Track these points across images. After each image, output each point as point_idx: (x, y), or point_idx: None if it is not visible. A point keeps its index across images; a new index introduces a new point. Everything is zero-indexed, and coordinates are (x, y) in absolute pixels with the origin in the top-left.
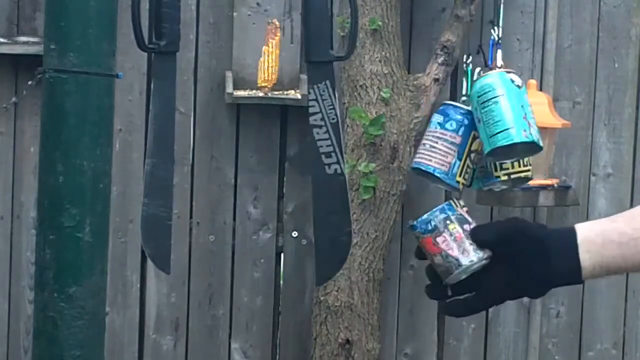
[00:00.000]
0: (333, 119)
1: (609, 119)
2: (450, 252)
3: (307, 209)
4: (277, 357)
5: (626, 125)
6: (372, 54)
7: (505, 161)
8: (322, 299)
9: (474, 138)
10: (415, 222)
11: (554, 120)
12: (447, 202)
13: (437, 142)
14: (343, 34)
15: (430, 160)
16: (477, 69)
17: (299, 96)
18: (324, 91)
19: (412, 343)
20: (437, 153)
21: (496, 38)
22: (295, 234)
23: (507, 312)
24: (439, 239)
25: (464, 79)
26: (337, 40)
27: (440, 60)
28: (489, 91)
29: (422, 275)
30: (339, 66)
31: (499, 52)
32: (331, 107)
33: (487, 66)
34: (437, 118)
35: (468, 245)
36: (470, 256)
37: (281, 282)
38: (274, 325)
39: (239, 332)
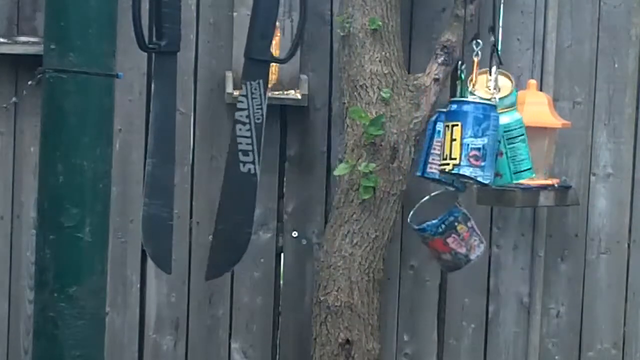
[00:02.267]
0: (258, 119)
1: (609, 119)
2: (459, 249)
3: (307, 209)
4: (277, 357)
5: (626, 125)
6: (372, 54)
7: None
8: (322, 299)
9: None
10: (425, 226)
11: (554, 120)
12: (454, 205)
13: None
14: (343, 34)
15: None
16: (494, 68)
17: (299, 96)
18: (255, 89)
19: (412, 343)
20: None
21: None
22: (295, 234)
23: (507, 312)
24: (449, 240)
25: (457, 83)
26: (337, 40)
27: (440, 60)
28: (518, 128)
29: (422, 275)
30: (339, 66)
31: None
32: (259, 106)
33: (501, 64)
34: (441, 127)
35: (473, 240)
36: (476, 251)
37: (281, 282)
38: (274, 325)
39: (239, 332)
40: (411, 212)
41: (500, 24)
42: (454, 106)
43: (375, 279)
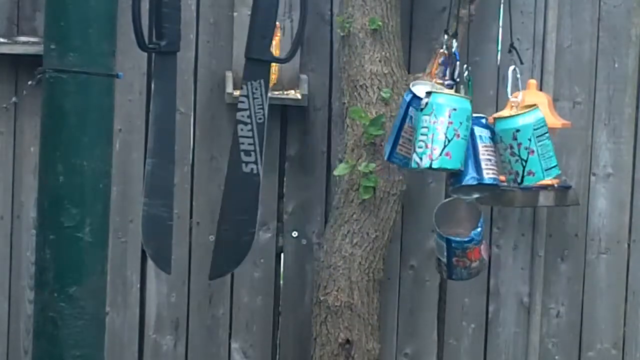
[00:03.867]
0: (260, 118)
1: (609, 119)
2: (485, 255)
3: (307, 209)
4: (277, 357)
5: (626, 125)
6: (372, 54)
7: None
8: (322, 299)
9: None
10: (474, 235)
11: (554, 120)
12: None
13: (494, 155)
14: (343, 34)
15: (497, 174)
16: (512, 68)
17: (299, 96)
18: (256, 89)
19: (412, 343)
20: (496, 165)
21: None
22: (295, 234)
23: (507, 312)
24: (482, 247)
25: (462, 87)
26: (337, 40)
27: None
28: (544, 125)
29: (422, 275)
30: (339, 66)
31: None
32: (260, 106)
33: (522, 63)
34: (483, 132)
35: (486, 244)
36: (488, 254)
37: (281, 282)
38: (274, 325)
39: (239, 332)
40: (437, 226)
41: (501, 24)
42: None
43: (375, 279)
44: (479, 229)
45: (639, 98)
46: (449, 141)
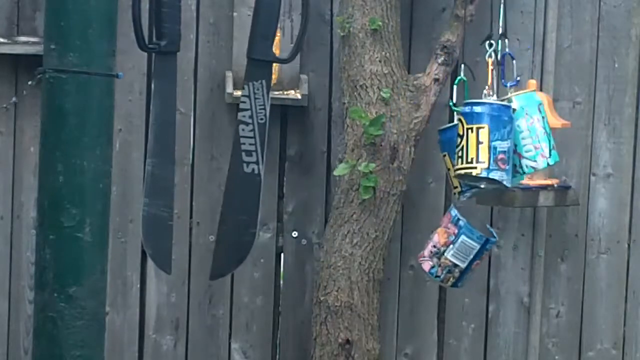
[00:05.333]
0: (262, 119)
1: (609, 119)
2: (476, 267)
3: (307, 209)
4: (277, 357)
5: (626, 125)
6: (372, 54)
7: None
8: (322, 299)
9: None
10: (496, 236)
11: (554, 120)
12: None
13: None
14: (343, 34)
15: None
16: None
17: (299, 96)
18: (258, 90)
19: (412, 343)
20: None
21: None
22: (295, 234)
23: (507, 312)
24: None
25: (455, 87)
26: (337, 40)
27: (440, 60)
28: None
29: (422, 275)
30: (339, 66)
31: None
32: (262, 107)
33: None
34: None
35: None
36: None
37: (281, 282)
38: (274, 325)
39: (239, 332)
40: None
41: (501, 24)
42: (477, 108)
43: (375, 279)
44: (494, 238)
45: (639, 98)
46: (549, 135)
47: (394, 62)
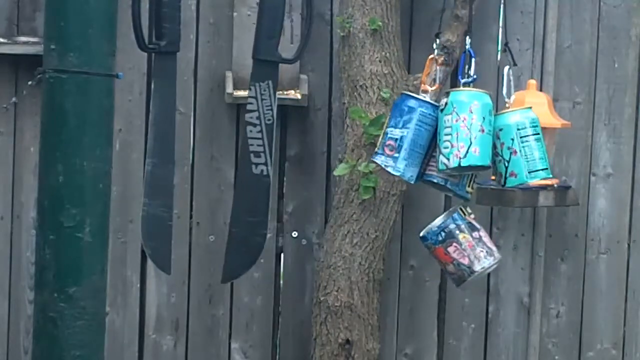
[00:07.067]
0: (269, 119)
1: (609, 119)
2: (462, 260)
3: (307, 209)
4: (277, 357)
5: (626, 125)
6: (372, 54)
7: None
8: (322, 299)
9: None
10: (426, 234)
11: (554, 120)
12: (456, 212)
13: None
14: (343, 34)
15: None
16: (507, 68)
17: (299, 96)
18: (265, 90)
19: (412, 343)
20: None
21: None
22: (295, 234)
23: (507, 312)
24: (450, 249)
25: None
26: (337, 40)
27: (440, 60)
28: (534, 127)
29: (422, 275)
30: (339, 66)
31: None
32: (269, 107)
33: (515, 64)
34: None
35: (479, 251)
36: (481, 262)
37: (281, 282)
38: (274, 325)
39: (239, 332)
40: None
41: (501, 24)
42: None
43: (375, 279)
44: (434, 229)
45: (639, 98)
46: (474, 137)
47: (394, 62)
